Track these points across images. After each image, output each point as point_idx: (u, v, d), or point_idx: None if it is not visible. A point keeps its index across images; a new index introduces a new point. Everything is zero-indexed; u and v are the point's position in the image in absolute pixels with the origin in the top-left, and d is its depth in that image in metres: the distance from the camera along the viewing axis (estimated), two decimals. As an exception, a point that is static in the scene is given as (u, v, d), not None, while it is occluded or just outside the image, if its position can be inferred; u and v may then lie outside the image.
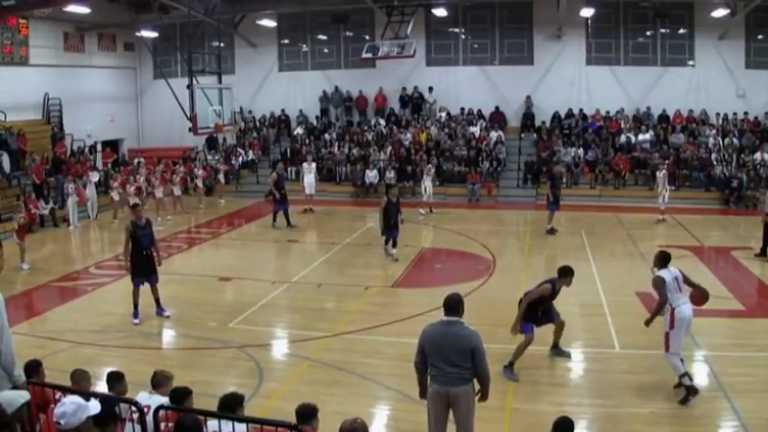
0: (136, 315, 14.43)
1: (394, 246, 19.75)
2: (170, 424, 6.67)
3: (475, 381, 7.93)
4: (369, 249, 20.39)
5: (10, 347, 6.31)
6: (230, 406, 6.76)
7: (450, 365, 7.76)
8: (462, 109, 34.49)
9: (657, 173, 24.43)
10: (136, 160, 33.55)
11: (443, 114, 34.30)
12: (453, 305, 8.00)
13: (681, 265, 18.41)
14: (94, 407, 5.58)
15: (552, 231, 22.87)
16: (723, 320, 14.25)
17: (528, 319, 11.40)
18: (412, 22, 29.35)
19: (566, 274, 11.53)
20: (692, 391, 10.15)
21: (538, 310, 11.49)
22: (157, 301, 14.82)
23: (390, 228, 19.47)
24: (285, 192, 24.87)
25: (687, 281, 10.72)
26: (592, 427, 9.78)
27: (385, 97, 35.51)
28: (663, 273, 10.55)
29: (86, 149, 32.00)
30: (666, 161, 28.70)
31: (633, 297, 15.72)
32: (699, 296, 10.69)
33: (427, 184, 27.39)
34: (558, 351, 12.22)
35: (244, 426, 6.47)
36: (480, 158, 31.47)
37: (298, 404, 6.78)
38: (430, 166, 28.02)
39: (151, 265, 14.67)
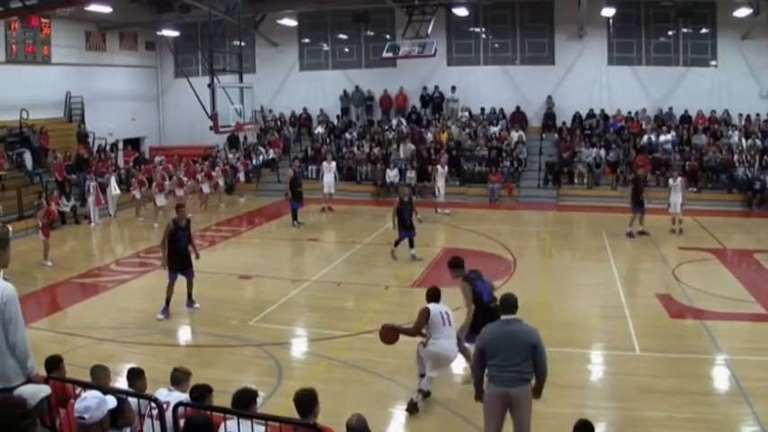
0: (164, 311, 14.62)
1: (411, 245, 19.75)
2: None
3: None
4: (389, 249, 20.31)
5: (24, 339, 6.35)
6: (243, 402, 6.76)
7: (510, 365, 7.79)
8: (483, 109, 34.39)
9: (672, 180, 23.64)
10: (156, 158, 33.70)
11: (465, 114, 34.23)
12: (513, 303, 8.14)
13: (702, 268, 18.54)
14: (112, 401, 5.60)
15: (639, 233, 22.54)
16: (745, 324, 14.17)
17: None
18: (433, 22, 29.22)
19: None
20: (414, 408, 10.10)
21: None
22: (189, 294, 15.06)
23: (407, 228, 19.52)
24: (301, 190, 24.98)
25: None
26: (610, 430, 9.75)
27: (406, 97, 35.48)
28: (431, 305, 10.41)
29: (108, 148, 32.15)
30: (687, 162, 28.60)
31: (654, 299, 15.65)
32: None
33: (440, 184, 27.18)
34: None
35: (262, 424, 6.47)
36: (501, 158, 31.40)
37: (296, 392, 6.81)
38: (438, 166, 27.81)
39: (187, 260, 14.93)
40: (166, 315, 14.61)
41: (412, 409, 10.02)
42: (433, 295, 10.54)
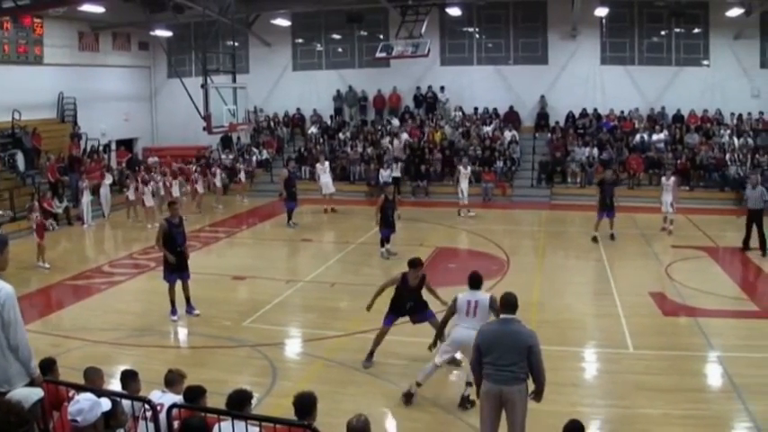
0: (174, 312, 14.60)
1: (387, 241, 20.10)
2: (183, 423, 6.68)
3: (529, 381, 7.99)
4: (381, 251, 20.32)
5: (25, 340, 6.35)
6: (238, 403, 6.75)
7: (504, 364, 7.85)
8: (476, 108, 34.42)
9: (664, 179, 23.52)
10: (150, 159, 33.64)
11: (458, 114, 34.25)
12: (512, 303, 8.20)
13: (695, 266, 18.60)
14: (106, 403, 5.61)
15: (601, 237, 22.02)
16: (737, 321, 14.29)
17: None
18: (426, 22, 29.16)
19: None
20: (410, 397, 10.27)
21: None
22: (188, 299, 14.91)
23: (388, 225, 19.83)
24: (295, 190, 25.01)
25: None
26: (605, 427, 9.81)
27: (399, 97, 35.52)
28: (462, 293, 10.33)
29: (100, 148, 32.03)
30: (679, 161, 28.68)
31: (647, 297, 15.70)
32: None
33: (464, 186, 26.72)
34: None
35: (257, 425, 6.47)
36: (494, 158, 31.41)
37: (295, 395, 6.79)
38: (461, 167, 27.26)
39: (183, 262, 14.75)
40: (178, 315, 14.62)
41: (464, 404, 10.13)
42: (471, 281, 10.38)
